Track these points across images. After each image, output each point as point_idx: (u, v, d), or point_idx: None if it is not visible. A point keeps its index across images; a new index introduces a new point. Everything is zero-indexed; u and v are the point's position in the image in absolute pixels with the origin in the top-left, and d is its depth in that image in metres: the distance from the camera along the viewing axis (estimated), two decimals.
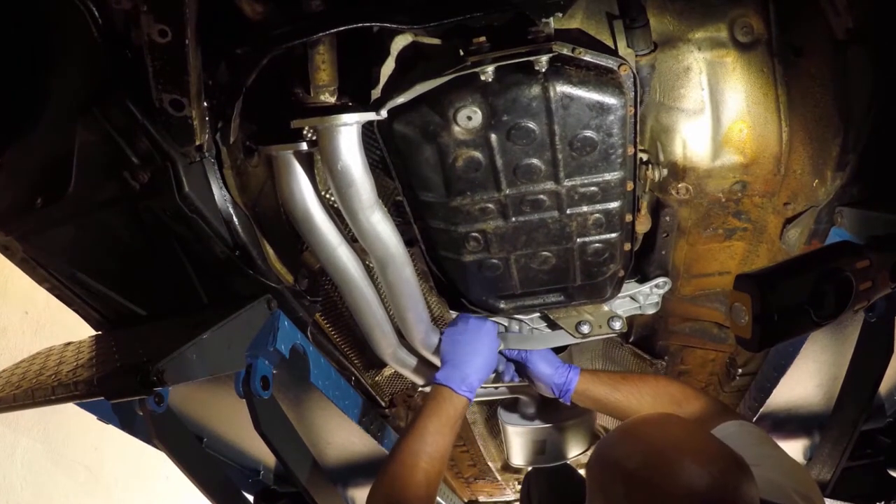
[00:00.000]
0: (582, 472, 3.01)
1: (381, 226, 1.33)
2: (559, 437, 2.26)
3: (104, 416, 1.57)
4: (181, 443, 1.39)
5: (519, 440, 2.32)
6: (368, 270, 1.49)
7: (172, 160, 1.15)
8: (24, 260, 1.36)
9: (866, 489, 1.83)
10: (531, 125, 1.18)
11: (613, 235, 1.42)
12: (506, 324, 1.86)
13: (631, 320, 1.99)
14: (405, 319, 1.58)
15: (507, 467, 3.17)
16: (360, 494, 2.31)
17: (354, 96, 1.20)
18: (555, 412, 2.31)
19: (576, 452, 2.35)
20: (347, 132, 1.18)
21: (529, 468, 2.49)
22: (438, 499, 2.93)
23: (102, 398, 1.12)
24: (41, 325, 3.05)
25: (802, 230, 1.44)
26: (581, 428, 2.36)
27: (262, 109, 1.25)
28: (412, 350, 1.73)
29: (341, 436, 1.99)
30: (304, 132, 1.26)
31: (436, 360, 1.81)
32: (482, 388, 1.98)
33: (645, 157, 1.40)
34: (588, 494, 1.14)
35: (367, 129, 1.33)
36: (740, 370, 2.01)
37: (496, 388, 2.04)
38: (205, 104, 1.11)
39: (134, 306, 1.45)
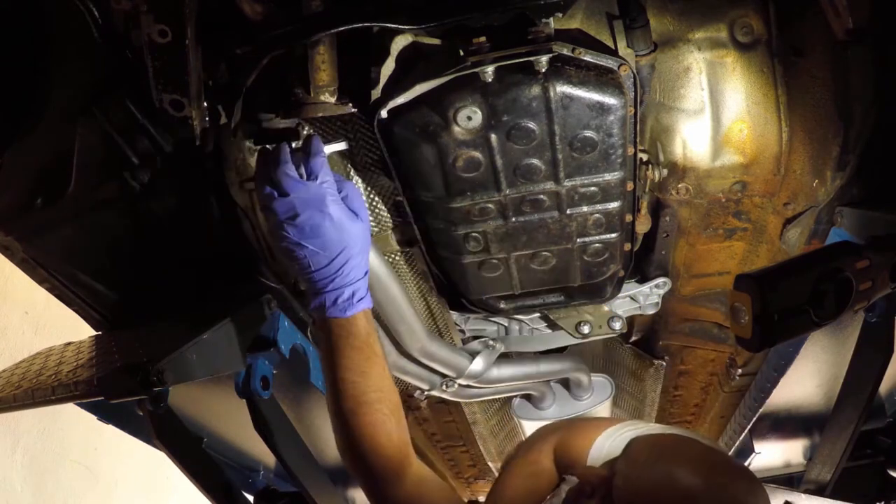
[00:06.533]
0: None
1: None
2: None
3: (104, 416, 1.57)
4: (181, 443, 1.39)
5: None
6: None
7: (172, 160, 1.15)
8: (24, 260, 1.36)
9: (866, 489, 1.83)
10: (531, 125, 1.18)
11: (613, 236, 1.42)
12: (506, 324, 1.87)
13: (631, 320, 1.99)
14: (399, 332, 1.59)
15: None
16: (360, 495, 2.31)
17: (354, 96, 1.21)
18: (567, 404, 2.33)
19: None
20: None
21: None
22: None
23: (102, 398, 1.12)
24: (41, 325, 3.05)
25: (802, 230, 1.44)
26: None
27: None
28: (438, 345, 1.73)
29: None
30: None
31: (438, 367, 1.81)
32: (492, 386, 1.96)
33: (645, 157, 1.40)
34: None
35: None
36: (740, 370, 2.01)
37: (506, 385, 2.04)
38: (205, 104, 1.11)
39: (134, 306, 1.45)
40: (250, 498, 2.09)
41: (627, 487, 1.03)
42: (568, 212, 1.34)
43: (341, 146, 1.21)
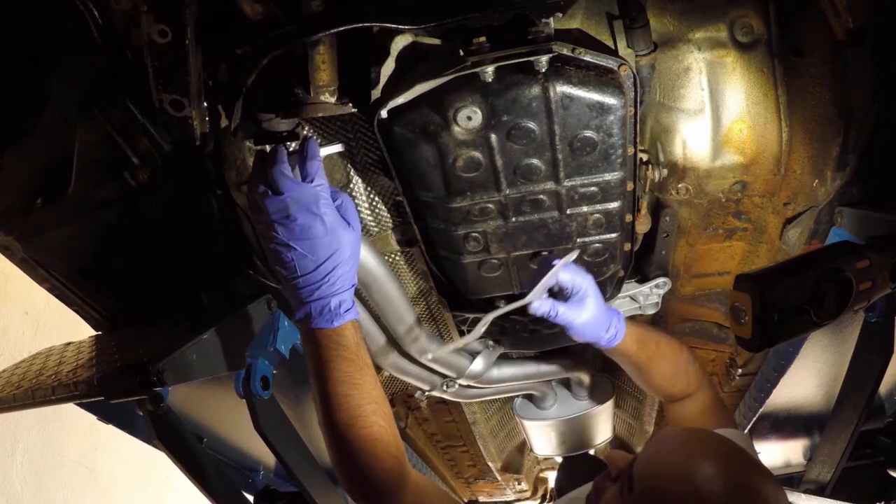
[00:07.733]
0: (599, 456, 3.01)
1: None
2: (578, 427, 2.27)
3: (104, 416, 1.58)
4: (181, 443, 1.39)
5: (538, 433, 2.33)
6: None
7: (172, 160, 1.15)
8: (24, 260, 1.36)
9: (866, 489, 1.83)
10: (531, 125, 1.18)
11: (613, 236, 1.42)
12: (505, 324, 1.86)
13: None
14: (398, 333, 1.60)
15: (506, 467, 3.17)
16: None
17: (354, 96, 1.21)
18: (568, 404, 2.34)
19: (596, 441, 2.36)
20: None
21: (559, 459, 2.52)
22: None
23: (102, 398, 1.12)
24: (41, 325, 3.05)
25: (802, 230, 1.44)
26: (599, 418, 2.38)
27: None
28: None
29: None
30: None
31: (438, 367, 1.81)
32: (492, 386, 1.96)
33: (645, 157, 1.40)
34: None
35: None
36: (740, 370, 2.01)
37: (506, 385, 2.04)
38: (205, 104, 1.11)
39: (134, 306, 1.45)
40: (250, 498, 2.09)
41: (647, 472, 1.03)
42: (568, 212, 1.34)
43: (337, 148, 1.21)
